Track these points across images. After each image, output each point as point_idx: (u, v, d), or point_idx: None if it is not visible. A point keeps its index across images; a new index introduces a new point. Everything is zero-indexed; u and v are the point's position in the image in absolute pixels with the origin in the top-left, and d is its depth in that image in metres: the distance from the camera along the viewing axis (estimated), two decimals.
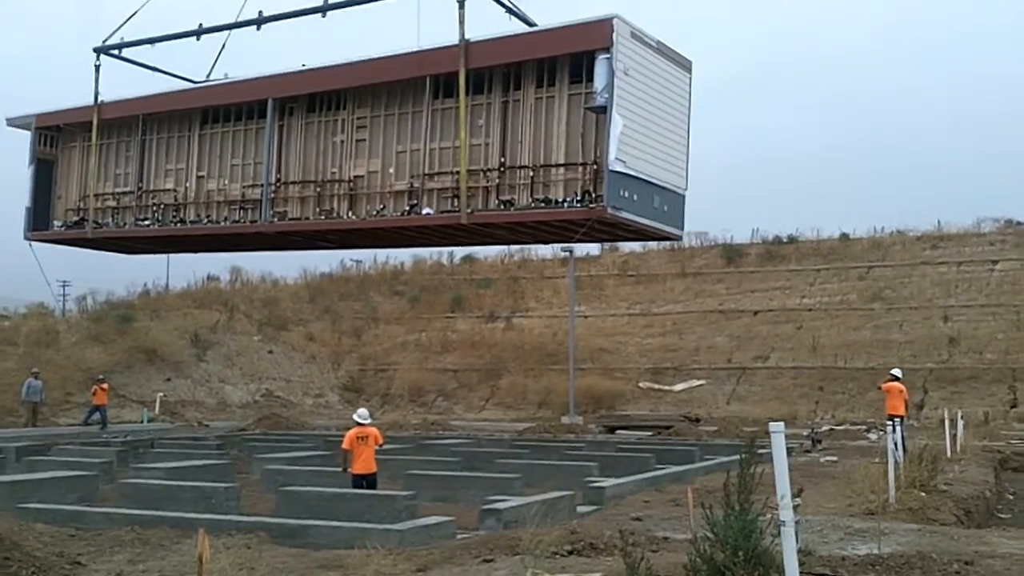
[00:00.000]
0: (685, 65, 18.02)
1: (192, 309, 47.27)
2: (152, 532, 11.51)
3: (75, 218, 23.68)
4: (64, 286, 61.03)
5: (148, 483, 16.36)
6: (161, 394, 38.23)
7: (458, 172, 17.61)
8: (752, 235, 49.86)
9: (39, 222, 23.99)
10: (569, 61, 16.98)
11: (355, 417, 15.52)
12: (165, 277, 52.47)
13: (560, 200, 16.97)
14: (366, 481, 15.00)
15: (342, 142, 19.69)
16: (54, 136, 24.24)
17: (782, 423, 7.00)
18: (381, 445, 15.58)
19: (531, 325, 47.39)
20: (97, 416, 31.29)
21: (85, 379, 36.02)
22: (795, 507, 7.02)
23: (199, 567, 8.63)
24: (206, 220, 21.51)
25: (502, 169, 17.54)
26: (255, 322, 48.11)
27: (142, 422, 34.31)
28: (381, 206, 19.02)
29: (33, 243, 24.06)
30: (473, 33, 17.30)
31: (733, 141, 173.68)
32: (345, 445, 15.18)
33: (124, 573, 9.67)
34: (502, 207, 17.57)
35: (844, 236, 47.81)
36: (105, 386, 31.74)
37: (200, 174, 21.73)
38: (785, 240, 48.66)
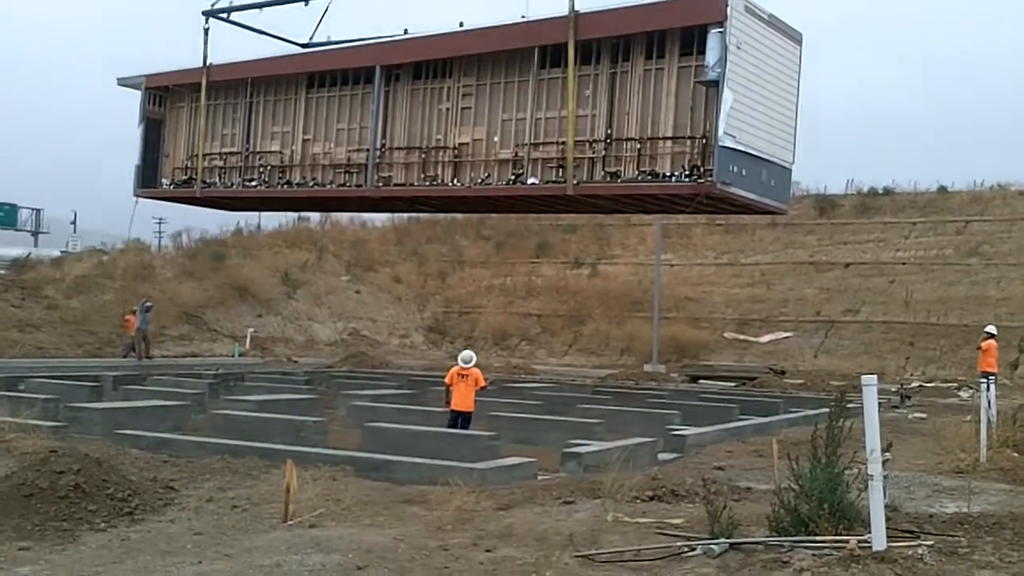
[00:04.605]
0: (796, 38, 17.65)
1: (283, 248, 48.19)
2: (241, 462, 11.82)
3: (183, 177, 24.17)
4: (160, 223, 62.76)
5: (238, 415, 16.75)
6: (252, 330, 39.19)
7: (563, 142, 17.51)
8: (846, 186, 48.55)
9: (148, 180, 24.54)
10: (680, 34, 16.69)
11: (459, 361, 15.81)
12: (257, 217, 53.41)
13: (667, 174, 16.77)
14: (461, 418, 15.30)
15: (447, 109, 19.71)
16: (163, 96, 24.73)
17: (874, 377, 6.87)
18: (483, 388, 15.83)
19: (616, 272, 47.14)
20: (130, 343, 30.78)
21: (179, 313, 37.13)
22: (884, 462, 6.91)
23: (286, 496, 8.89)
24: (312, 183, 21.77)
25: (608, 141, 17.41)
26: (343, 263, 48.84)
27: (233, 356, 35.25)
28: (486, 174, 19.07)
29: (140, 199, 24.65)
30: (582, 5, 17.13)
31: (828, 90, 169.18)
32: (447, 380, 15.75)
33: (214, 499, 9.96)
34: (608, 178, 17.45)
35: (942, 189, 46.18)
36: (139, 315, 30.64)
37: (306, 137, 22.01)
38: (880, 192, 47.24)
